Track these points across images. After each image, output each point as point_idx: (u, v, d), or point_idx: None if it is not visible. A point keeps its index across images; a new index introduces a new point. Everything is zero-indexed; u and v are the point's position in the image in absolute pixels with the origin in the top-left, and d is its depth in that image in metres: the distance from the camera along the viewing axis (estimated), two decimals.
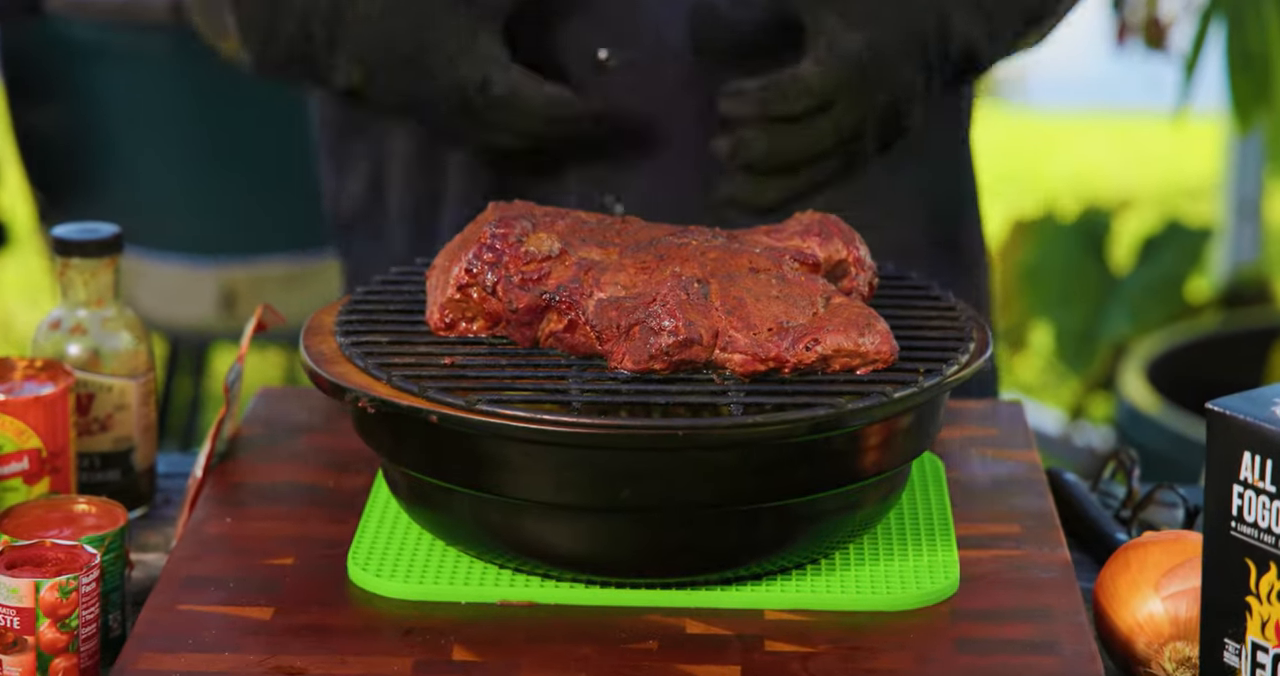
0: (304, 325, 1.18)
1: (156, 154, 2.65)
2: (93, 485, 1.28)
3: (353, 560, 1.13)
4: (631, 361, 1.09)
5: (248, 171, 2.67)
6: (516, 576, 1.11)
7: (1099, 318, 3.03)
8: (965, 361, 1.12)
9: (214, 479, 1.24)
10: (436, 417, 1.06)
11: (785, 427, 1.05)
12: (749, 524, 1.09)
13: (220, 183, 2.66)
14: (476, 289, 1.13)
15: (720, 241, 1.14)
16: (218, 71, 2.59)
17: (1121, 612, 1.10)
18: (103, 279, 1.28)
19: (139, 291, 2.59)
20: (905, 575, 1.12)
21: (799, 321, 1.10)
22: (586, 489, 1.07)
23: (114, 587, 1.14)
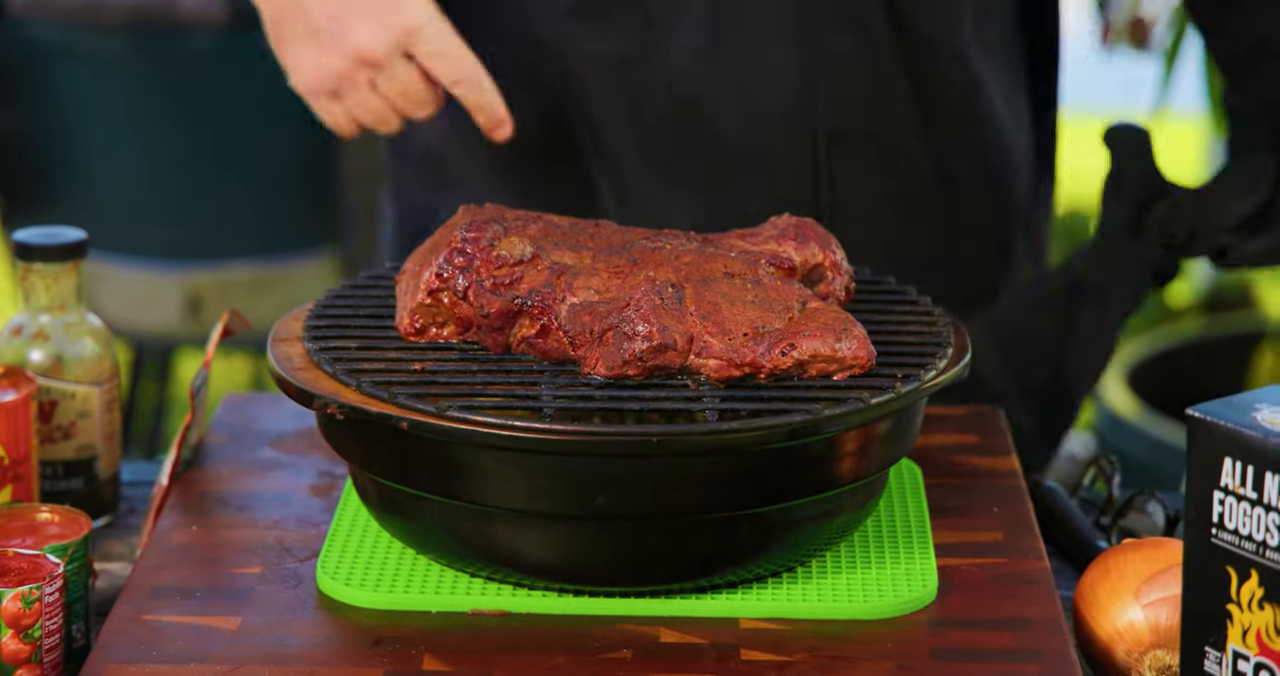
0: (271, 330, 1.17)
1: (120, 156, 2.64)
2: (55, 493, 1.28)
3: (322, 569, 1.13)
4: (605, 367, 1.09)
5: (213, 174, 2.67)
6: (488, 585, 1.11)
7: None
8: (943, 366, 1.13)
9: (179, 487, 1.24)
10: (407, 424, 1.06)
11: (761, 434, 1.05)
12: (724, 531, 1.09)
13: (185, 186, 2.65)
14: (447, 293, 1.13)
15: (695, 245, 1.15)
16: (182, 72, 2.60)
17: (1101, 620, 1.11)
18: (65, 284, 1.28)
19: (103, 297, 2.58)
20: (883, 583, 1.12)
21: (775, 326, 1.10)
22: (559, 496, 1.07)
23: (78, 597, 1.13)
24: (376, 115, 1.31)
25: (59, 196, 2.64)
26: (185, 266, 2.65)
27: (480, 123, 1.32)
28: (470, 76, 1.30)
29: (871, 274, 1.26)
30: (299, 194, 2.72)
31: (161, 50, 2.58)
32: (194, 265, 2.66)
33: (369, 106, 1.31)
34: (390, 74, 1.29)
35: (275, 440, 1.31)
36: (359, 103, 1.31)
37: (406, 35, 1.28)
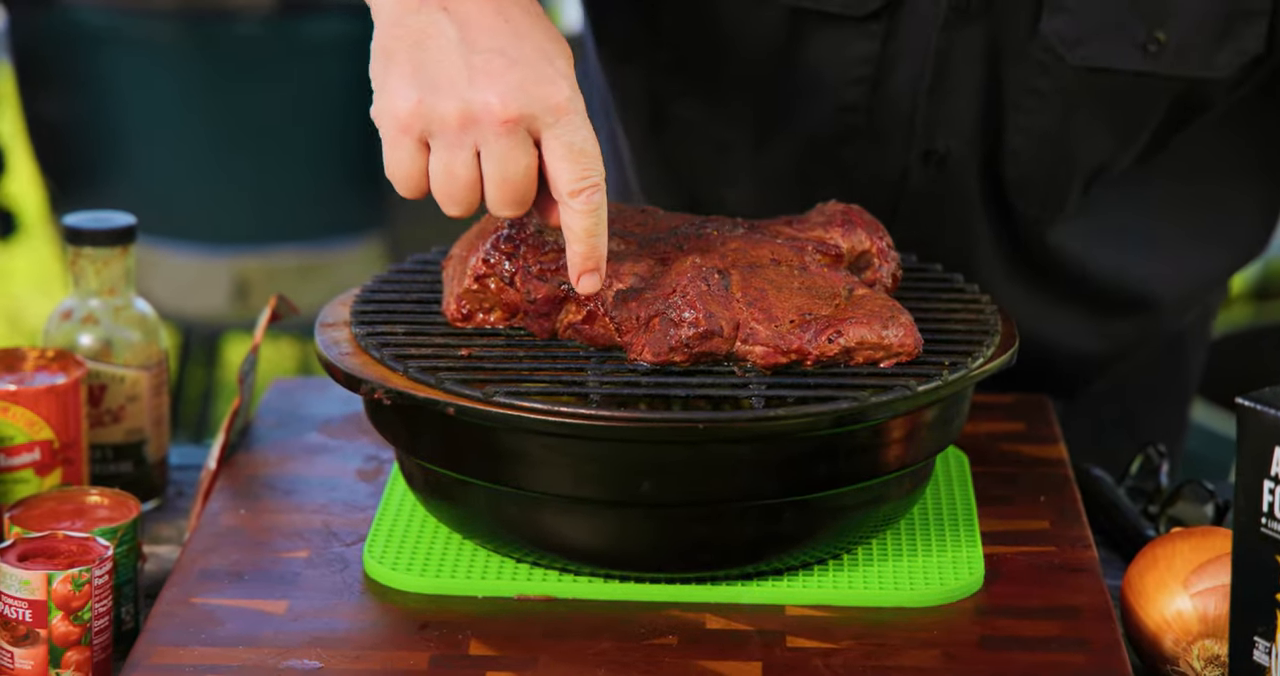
0: (318, 315, 1.18)
1: (169, 142, 2.65)
2: (105, 477, 1.29)
3: (369, 553, 1.13)
4: (651, 353, 1.09)
5: (261, 160, 2.68)
6: (534, 570, 1.11)
7: None
8: (991, 354, 1.12)
9: (228, 471, 1.25)
10: (453, 409, 1.06)
11: (807, 421, 1.05)
12: (770, 518, 1.09)
13: (233, 171, 2.66)
14: (494, 279, 1.13)
15: (741, 232, 1.15)
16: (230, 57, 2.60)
17: (1149, 610, 1.10)
18: (115, 268, 1.29)
19: (151, 281, 2.59)
20: (929, 571, 1.12)
21: (822, 313, 1.10)
22: (605, 482, 1.07)
23: (127, 580, 1.14)
24: (458, 185, 1.06)
25: (108, 181, 2.66)
26: (233, 251, 2.66)
27: (574, 257, 1.08)
28: (592, 187, 1.06)
29: (918, 261, 1.25)
30: (346, 179, 2.72)
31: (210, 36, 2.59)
32: (242, 250, 2.67)
33: (455, 171, 1.06)
34: (504, 146, 1.05)
35: (322, 425, 1.32)
36: (447, 162, 1.06)
37: (546, 112, 1.05)
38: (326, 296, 1.25)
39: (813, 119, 1.35)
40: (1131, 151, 1.35)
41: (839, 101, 1.34)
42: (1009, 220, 1.38)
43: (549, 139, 1.06)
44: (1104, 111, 1.32)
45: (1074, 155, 1.34)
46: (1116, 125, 1.34)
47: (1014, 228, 1.39)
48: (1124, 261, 1.42)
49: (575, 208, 1.07)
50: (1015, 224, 1.38)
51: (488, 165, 1.06)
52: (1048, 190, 1.36)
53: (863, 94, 1.33)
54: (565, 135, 1.06)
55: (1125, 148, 1.35)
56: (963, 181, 1.36)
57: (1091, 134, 1.33)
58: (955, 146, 1.34)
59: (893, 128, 1.34)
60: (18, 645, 1.08)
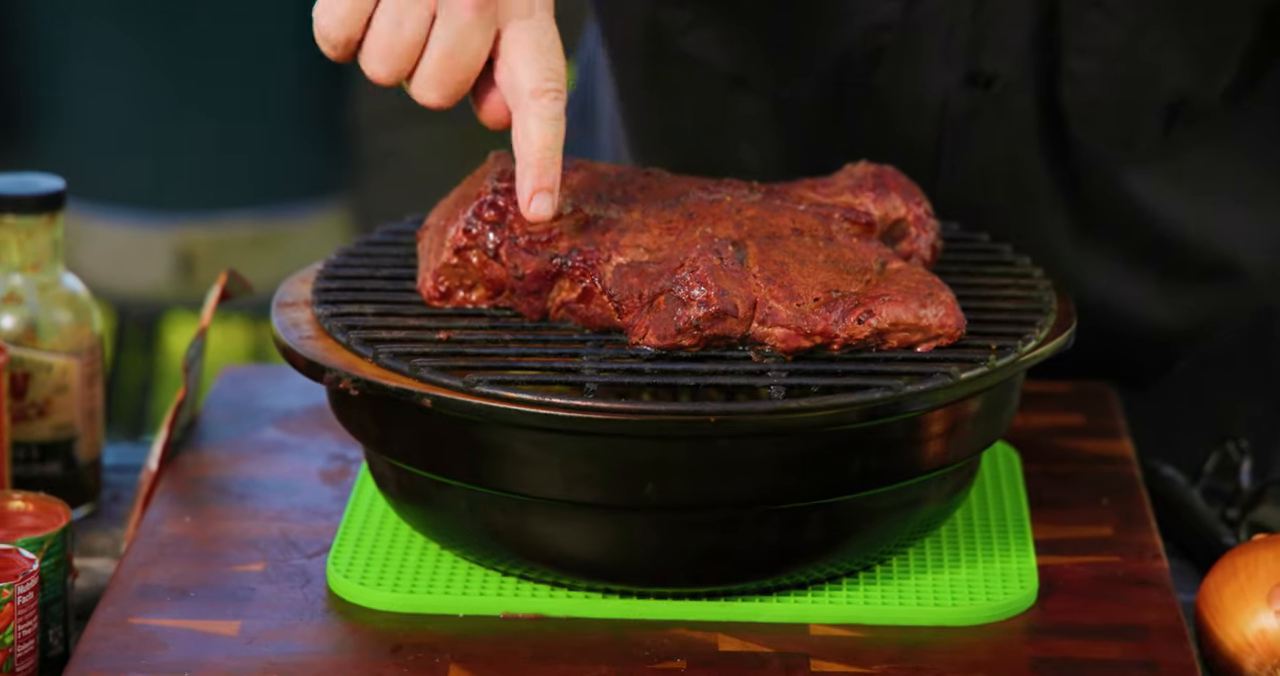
0: (275, 293, 1.18)
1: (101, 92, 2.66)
2: (30, 479, 1.29)
3: (333, 566, 1.14)
4: (656, 336, 1.10)
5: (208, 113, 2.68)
6: (522, 585, 1.12)
7: None
8: (1045, 336, 1.13)
9: (171, 472, 1.26)
10: (430, 401, 1.07)
11: (834, 413, 1.05)
12: (792, 525, 1.10)
13: (176, 127, 2.67)
14: (476, 252, 1.14)
15: (759, 197, 1.15)
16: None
17: (1228, 628, 1.11)
18: (41, 240, 1.29)
19: (82, 254, 2.60)
20: (974, 585, 1.13)
21: (850, 290, 1.11)
22: (604, 484, 1.08)
23: (55, 598, 1.15)
24: (400, 40, 1.07)
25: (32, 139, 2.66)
26: (176, 219, 2.67)
27: (524, 173, 1.09)
28: (556, 91, 1.07)
29: (961, 230, 1.26)
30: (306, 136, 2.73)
31: None
32: (186, 218, 2.67)
33: (403, 24, 1.06)
34: (466, 19, 1.06)
35: (280, 419, 1.32)
36: (398, 13, 1.06)
37: (522, 3, 1.08)
38: (284, 271, 1.26)
39: (841, 44, 1.36)
40: (1218, 81, 1.35)
41: (871, 19, 1.34)
42: (1072, 161, 1.38)
43: (516, 31, 1.08)
44: (1181, 28, 1.33)
45: (1146, 81, 1.34)
46: (1197, 46, 1.34)
47: (1078, 171, 1.39)
48: (1208, 217, 1.42)
49: (535, 111, 1.08)
50: (1079, 166, 1.38)
51: (440, 33, 1.07)
52: (1117, 122, 1.36)
53: (897, 8, 1.34)
54: (534, 32, 1.08)
55: (1209, 76, 1.35)
56: (1015, 111, 1.36)
57: (1167, 57, 1.34)
58: (1004, 68, 1.34)
59: (931, 48, 1.34)
60: None
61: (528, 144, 1.09)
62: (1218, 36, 1.34)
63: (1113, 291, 1.42)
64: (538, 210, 1.10)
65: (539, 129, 1.08)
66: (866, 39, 1.35)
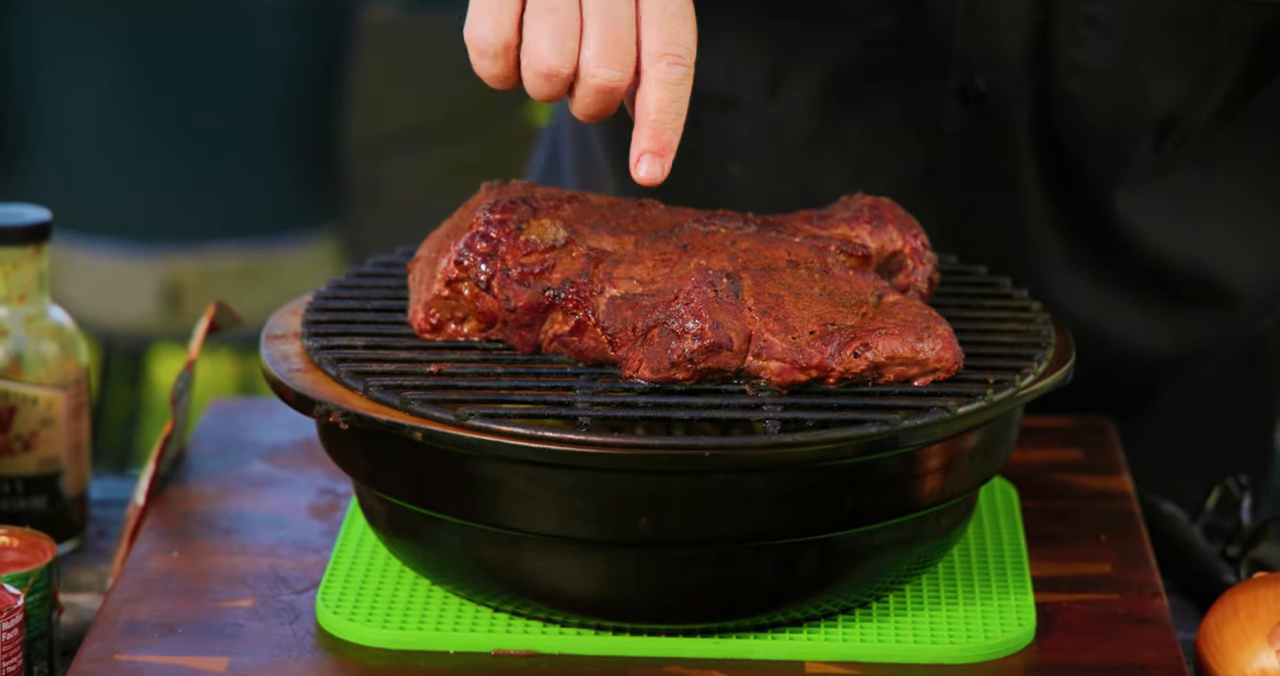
0: (264, 326, 1.19)
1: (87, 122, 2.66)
2: (14, 514, 1.29)
3: (322, 602, 1.14)
4: (649, 369, 1.10)
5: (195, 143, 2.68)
6: (514, 621, 1.12)
7: None
8: (1043, 370, 1.13)
9: (158, 507, 1.26)
10: (421, 435, 1.07)
11: (830, 448, 1.06)
12: (788, 560, 1.10)
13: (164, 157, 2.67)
14: (468, 284, 1.14)
15: (754, 229, 1.16)
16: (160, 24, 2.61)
17: (1229, 668, 1.11)
18: (26, 271, 1.30)
19: (69, 286, 2.60)
20: (972, 622, 1.13)
21: (846, 323, 1.11)
22: (597, 519, 1.08)
23: (40, 634, 1.15)
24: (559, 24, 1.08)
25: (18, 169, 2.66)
26: (163, 250, 2.67)
27: (639, 134, 1.10)
28: (677, 56, 1.09)
29: (959, 263, 1.26)
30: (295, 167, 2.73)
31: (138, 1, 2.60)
32: (173, 249, 2.67)
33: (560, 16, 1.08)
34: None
35: (269, 453, 1.33)
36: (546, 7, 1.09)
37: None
38: (273, 304, 1.26)
39: (835, 54, 1.36)
40: (1210, 99, 1.36)
41: (867, 32, 1.35)
42: (1066, 182, 1.39)
43: (648, 4, 1.09)
44: (1174, 46, 1.33)
45: (1140, 99, 1.35)
46: (1190, 64, 1.34)
47: (1072, 192, 1.39)
48: (1202, 240, 1.42)
49: (654, 74, 1.09)
50: (1074, 187, 1.39)
51: (590, 9, 1.08)
52: (1110, 141, 1.37)
53: (893, 22, 1.34)
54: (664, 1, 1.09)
55: (1202, 93, 1.36)
56: (1009, 128, 1.37)
57: (1160, 74, 1.34)
58: (998, 84, 1.35)
59: (926, 62, 1.35)
60: None
61: (644, 105, 1.09)
62: (1211, 55, 1.35)
63: (1106, 315, 1.42)
64: (647, 173, 1.09)
65: (656, 92, 1.09)
66: (862, 52, 1.36)
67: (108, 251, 2.66)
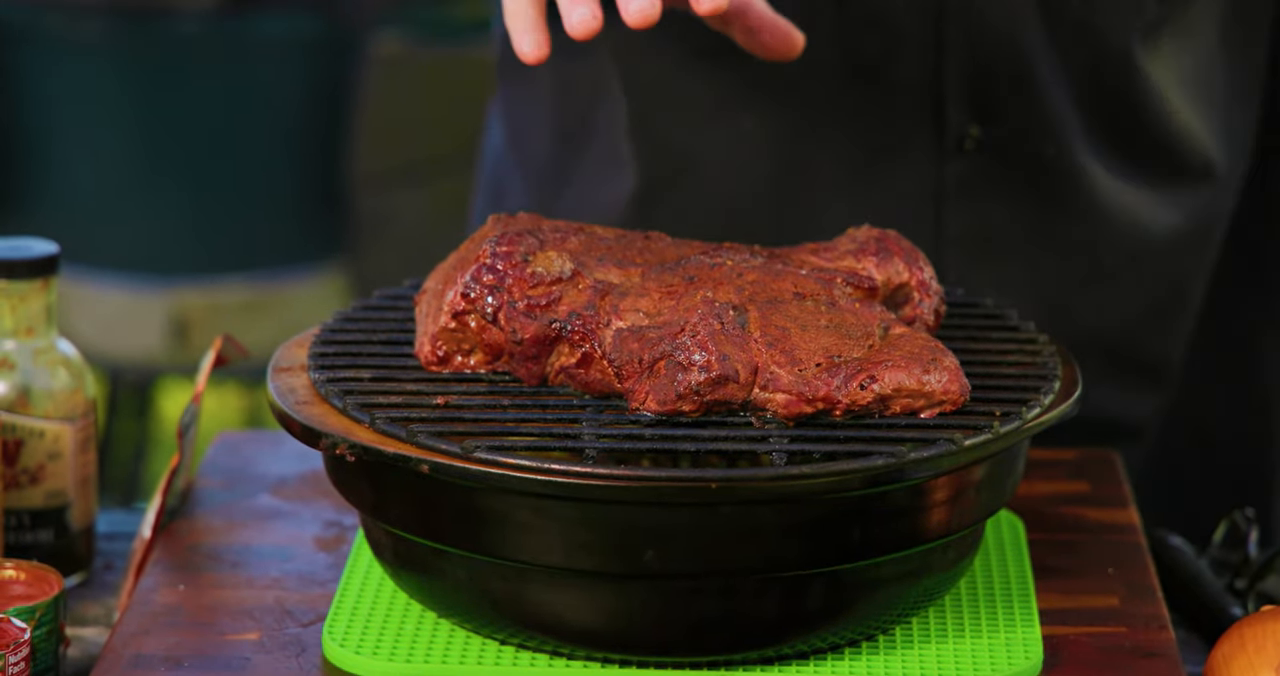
0: (271, 359, 1.19)
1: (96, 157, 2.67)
2: (21, 547, 1.29)
3: (329, 635, 1.14)
4: (656, 402, 1.10)
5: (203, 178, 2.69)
6: (520, 654, 1.12)
7: None
8: (1050, 403, 1.13)
9: (164, 540, 1.26)
10: (428, 467, 1.07)
11: (836, 480, 1.06)
12: (795, 593, 1.10)
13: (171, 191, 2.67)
14: (474, 316, 1.14)
15: (760, 262, 1.16)
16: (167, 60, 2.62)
17: None
18: (34, 305, 1.30)
19: (76, 319, 2.60)
20: (979, 655, 1.13)
21: (853, 355, 1.11)
22: (604, 551, 1.08)
23: (47, 668, 1.15)
24: None
25: (26, 203, 2.67)
26: (170, 283, 2.67)
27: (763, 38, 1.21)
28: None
29: (966, 295, 1.26)
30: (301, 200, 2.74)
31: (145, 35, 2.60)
32: (180, 282, 2.68)
33: None
34: None
35: (275, 485, 1.32)
36: None
37: None
38: (280, 336, 1.26)
39: None
40: None
41: None
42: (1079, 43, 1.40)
43: None
44: None
45: None
46: None
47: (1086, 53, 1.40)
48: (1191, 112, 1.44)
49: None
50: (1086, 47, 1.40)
51: None
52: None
53: None
54: None
55: None
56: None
57: None
58: None
59: None
60: None
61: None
62: None
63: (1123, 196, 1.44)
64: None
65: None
66: None
67: (115, 285, 2.67)
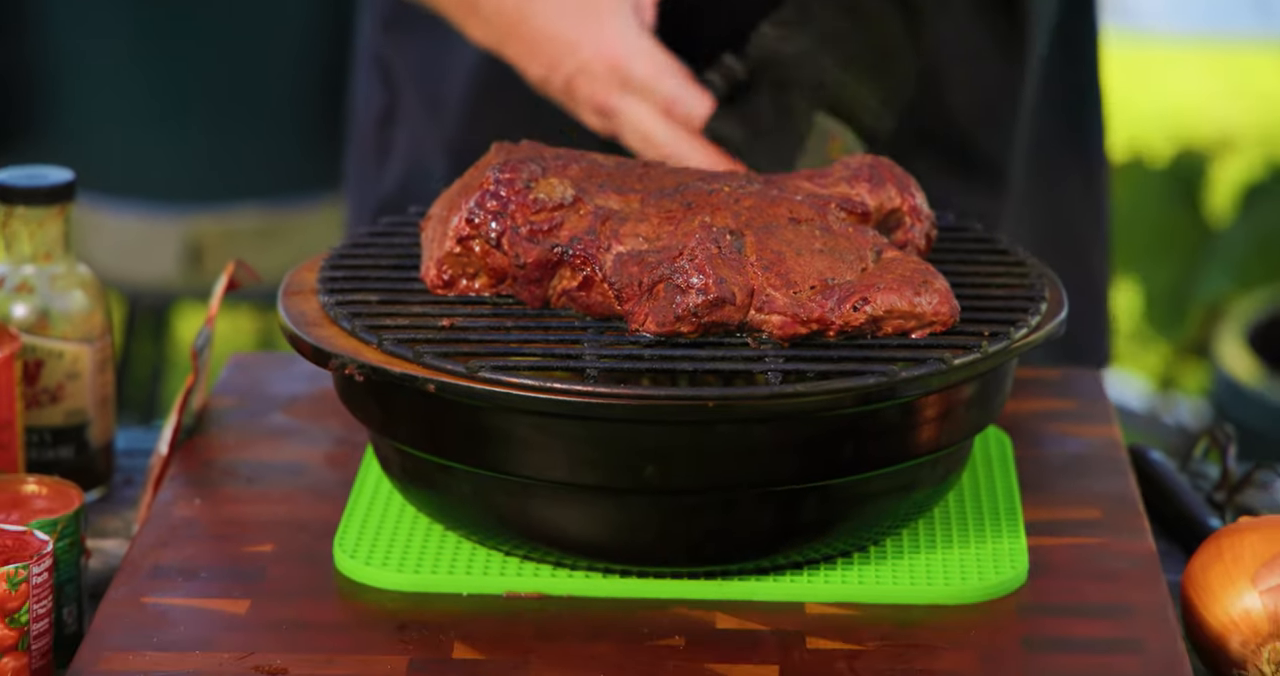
0: (282, 283, 1.19)
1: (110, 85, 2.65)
2: (43, 463, 1.30)
3: (339, 547, 1.15)
4: (655, 323, 1.10)
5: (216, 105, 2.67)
6: (525, 565, 1.13)
7: (1193, 275, 3.01)
8: (1036, 324, 1.14)
9: (181, 456, 1.26)
10: (434, 386, 1.07)
11: (830, 398, 1.06)
12: (789, 506, 1.10)
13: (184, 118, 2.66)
14: (479, 241, 1.15)
15: (756, 187, 1.16)
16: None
17: (1213, 608, 1.11)
18: (51, 230, 1.30)
19: (93, 245, 2.59)
20: (966, 565, 1.13)
21: (846, 278, 1.11)
22: (604, 467, 1.08)
23: (69, 578, 1.15)
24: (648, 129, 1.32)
25: (42, 133, 2.65)
26: (185, 210, 2.66)
27: None
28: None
29: (956, 221, 1.27)
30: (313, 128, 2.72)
31: None
32: (195, 209, 2.66)
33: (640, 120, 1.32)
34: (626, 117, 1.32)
35: (287, 404, 1.33)
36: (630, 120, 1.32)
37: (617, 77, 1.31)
38: (290, 261, 1.26)
39: None
40: None
41: None
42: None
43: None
44: None
45: None
46: None
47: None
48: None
49: None
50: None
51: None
52: None
53: None
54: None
55: None
56: None
57: None
58: None
59: None
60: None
61: None
62: None
63: None
64: None
65: None
66: None
67: (132, 212, 2.66)
